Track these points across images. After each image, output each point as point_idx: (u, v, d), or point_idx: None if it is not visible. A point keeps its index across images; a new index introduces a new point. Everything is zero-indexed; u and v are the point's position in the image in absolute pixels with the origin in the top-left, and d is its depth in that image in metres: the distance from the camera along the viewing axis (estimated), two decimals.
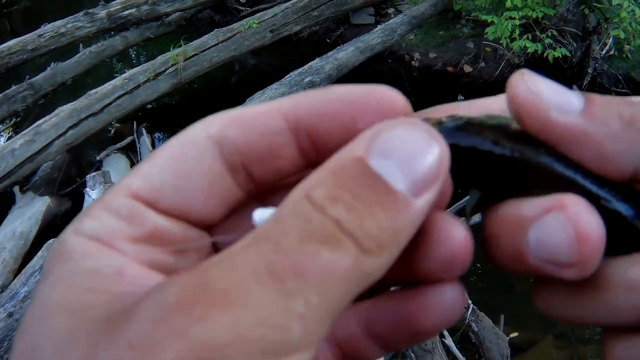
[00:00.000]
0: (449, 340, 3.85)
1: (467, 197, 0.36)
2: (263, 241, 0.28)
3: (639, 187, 0.33)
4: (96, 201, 0.35)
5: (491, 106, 0.37)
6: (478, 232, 0.34)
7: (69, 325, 0.29)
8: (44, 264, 0.33)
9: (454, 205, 3.24)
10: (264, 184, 0.37)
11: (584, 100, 0.33)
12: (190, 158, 0.35)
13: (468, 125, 0.34)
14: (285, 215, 0.29)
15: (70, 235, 0.33)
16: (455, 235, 0.33)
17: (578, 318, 0.34)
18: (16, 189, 5.64)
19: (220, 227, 0.38)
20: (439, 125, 0.34)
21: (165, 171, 0.35)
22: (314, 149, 0.36)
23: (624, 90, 7.68)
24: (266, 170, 0.36)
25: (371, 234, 0.28)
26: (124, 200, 0.34)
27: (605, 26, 7.32)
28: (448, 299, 0.34)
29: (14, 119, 7.13)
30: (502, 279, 4.94)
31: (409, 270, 0.34)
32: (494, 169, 0.34)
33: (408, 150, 0.30)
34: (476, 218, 0.43)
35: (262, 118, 0.35)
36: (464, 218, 0.37)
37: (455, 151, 0.32)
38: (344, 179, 0.29)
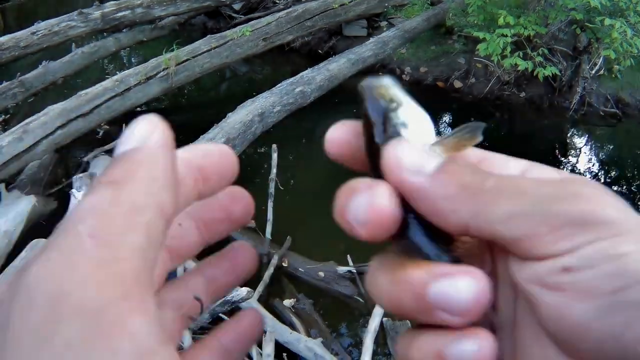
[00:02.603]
0: None
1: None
2: None
3: (470, 239, 0.42)
4: None
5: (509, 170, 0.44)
6: None
7: None
8: None
9: None
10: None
11: (441, 165, 0.40)
12: None
13: None
14: None
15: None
16: None
17: None
18: (2, 187, 5.60)
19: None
20: None
21: None
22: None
23: (612, 110, 7.73)
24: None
25: None
26: None
27: (596, 46, 7.37)
28: None
29: (3, 116, 7.09)
30: None
31: None
32: None
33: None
34: None
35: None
36: None
37: None
38: None
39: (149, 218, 0.34)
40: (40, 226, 5.35)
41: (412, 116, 0.44)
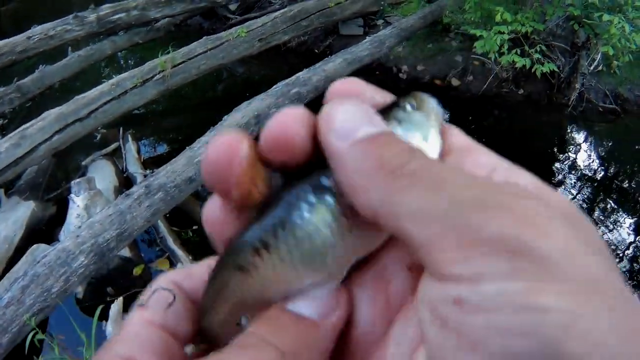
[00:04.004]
0: None
1: None
2: None
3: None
4: None
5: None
6: None
7: None
8: None
9: None
10: None
11: (374, 133, 0.35)
12: None
13: None
14: None
15: None
16: None
17: None
18: (1, 192, 5.60)
19: None
20: None
21: None
22: None
23: (611, 106, 7.72)
24: None
25: None
26: None
27: (595, 42, 7.36)
28: None
29: (1, 121, 7.08)
30: None
31: None
32: None
33: None
34: None
35: None
36: None
37: None
38: None
39: None
40: (40, 231, 5.34)
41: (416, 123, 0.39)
